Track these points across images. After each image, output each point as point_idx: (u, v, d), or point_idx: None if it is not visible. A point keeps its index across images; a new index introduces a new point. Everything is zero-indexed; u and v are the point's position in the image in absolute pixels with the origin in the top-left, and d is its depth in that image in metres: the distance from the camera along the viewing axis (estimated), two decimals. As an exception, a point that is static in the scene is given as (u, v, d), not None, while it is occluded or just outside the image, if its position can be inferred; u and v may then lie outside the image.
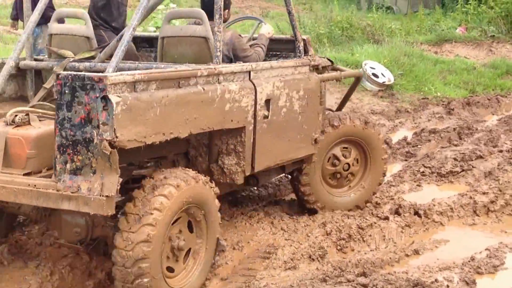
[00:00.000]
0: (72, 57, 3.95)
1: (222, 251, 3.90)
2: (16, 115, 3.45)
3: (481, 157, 6.10)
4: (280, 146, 4.10)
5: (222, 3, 3.68)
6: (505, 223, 4.85)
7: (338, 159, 4.77)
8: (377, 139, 4.84)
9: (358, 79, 5.33)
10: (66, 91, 3.03)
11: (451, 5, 15.39)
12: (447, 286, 3.81)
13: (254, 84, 3.84)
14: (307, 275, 3.83)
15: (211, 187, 3.56)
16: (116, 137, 2.96)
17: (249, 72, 3.85)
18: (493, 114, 8.74)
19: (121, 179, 3.00)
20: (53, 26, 4.11)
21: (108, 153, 2.95)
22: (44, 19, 6.34)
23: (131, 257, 3.13)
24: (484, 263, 4.09)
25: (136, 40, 4.74)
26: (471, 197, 5.17)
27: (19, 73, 4.09)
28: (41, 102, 3.81)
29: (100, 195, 2.96)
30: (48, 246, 3.98)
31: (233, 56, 4.15)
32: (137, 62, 4.00)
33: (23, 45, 3.99)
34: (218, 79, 3.60)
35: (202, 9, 3.92)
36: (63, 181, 3.05)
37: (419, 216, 4.85)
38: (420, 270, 4.07)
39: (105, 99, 2.95)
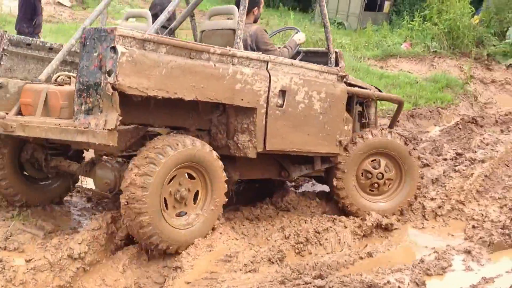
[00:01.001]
0: None
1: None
2: (60, 76, 4.14)
3: (427, 165, 6.20)
4: (296, 136, 4.44)
5: (246, 1, 4.15)
6: (451, 226, 4.94)
7: (370, 172, 4.99)
8: (405, 150, 5.00)
9: (400, 104, 5.53)
10: (88, 43, 3.55)
11: (398, 21, 15.73)
12: (399, 287, 3.82)
13: (269, 74, 4.22)
14: (267, 278, 3.78)
15: (210, 150, 3.97)
16: (118, 81, 3.41)
17: (267, 62, 4.24)
18: (435, 125, 8.94)
19: (120, 117, 3.47)
20: (123, 25, 4.61)
21: (110, 94, 3.42)
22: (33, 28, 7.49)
23: (132, 198, 3.63)
24: (433, 265, 4.14)
25: None
26: (420, 203, 5.24)
27: None
28: None
29: (103, 129, 3.48)
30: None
31: (256, 48, 4.48)
32: None
33: (94, 19, 4.54)
34: (232, 60, 4.01)
35: (236, 5, 4.30)
36: (79, 119, 3.61)
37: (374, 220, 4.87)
38: (374, 272, 4.08)
39: (114, 49, 3.41)
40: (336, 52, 4.76)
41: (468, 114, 8.78)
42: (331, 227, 4.71)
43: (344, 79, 4.77)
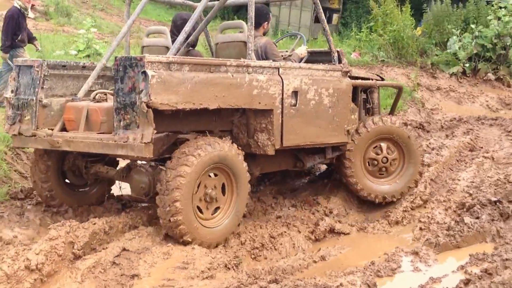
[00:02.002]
0: None
1: None
2: (98, 94, 4.43)
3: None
4: (309, 130, 4.71)
5: (253, 14, 4.40)
6: (401, 229, 4.93)
7: (377, 154, 5.20)
8: (407, 135, 5.23)
9: (400, 90, 5.84)
10: (120, 69, 3.90)
11: (347, 32, 15.91)
12: (351, 289, 3.79)
13: (282, 78, 4.50)
14: (223, 284, 3.68)
15: (236, 151, 4.22)
16: (151, 100, 3.76)
17: (278, 68, 4.53)
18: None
19: (155, 131, 3.79)
20: (145, 40, 4.98)
21: (145, 111, 3.78)
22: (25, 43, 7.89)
23: (167, 199, 3.89)
24: (383, 266, 4.12)
25: None
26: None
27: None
28: None
29: (141, 142, 3.80)
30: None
31: (265, 58, 4.76)
32: None
33: (115, 47, 4.76)
34: (247, 70, 4.30)
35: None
36: (118, 134, 3.92)
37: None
38: (327, 275, 4.03)
39: (144, 73, 3.76)
40: (338, 51, 5.03)
41: (416, 120, 8.90)
42: (285, 232, 4.66)
43: (348, 74, 5.03)
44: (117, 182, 5.07)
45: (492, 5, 10.92)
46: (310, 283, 3.78)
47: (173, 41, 4.64)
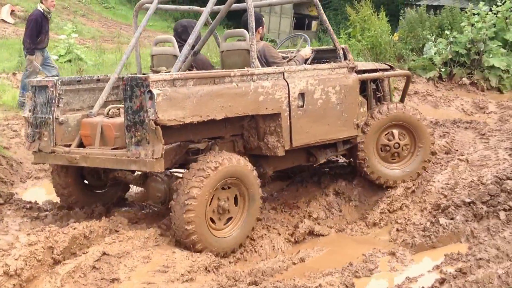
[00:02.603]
0: (165, 71, 4.67)
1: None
2: (111, 110, 4.51)
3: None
4: (318, 128, 4.78)
5: (254, 23, 4.46)
6: (379, 230, 4.95)
7: (390, 139, 5.37)
8: (418, 121, 5.37)
9: (408, 78, 6.00)
10: (128, 88, 3.96)
11: (326, 39, 16.03)
12: (330, 289, 3.80)
13: (287, 82, 4.56)
14: (203, 286, 3.68)
15: (246, 164, 4.30)
16: (158, 117, 3.82)
17: (283, 73, 4.59)
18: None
19: (164, 146, 3.88)
20: (153, 49, 5.08)
21: (154, 129, 3.85)
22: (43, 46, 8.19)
23: (182, 208, 3.97)
24: (361, 267, 4.15)
25: None
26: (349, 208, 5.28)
27: None
28: None
29: (152, 158, 3.90)
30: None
31: (265, 61, 4.82)
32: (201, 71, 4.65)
33: (125, 61, 4.89)
34: (252, 78, 4.35)
35: (244, 27, 4.64)
36: (131, 150, 4.01)
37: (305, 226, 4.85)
38: (306, 277, 4.04)
39: (150, 92, 3.82)
40: (343, 48, 5.11)
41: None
42: (265, 234, 4.66)
43: (354, 69, 5.11)
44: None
45: (466, 12, 11.10)
46: (289, 284, 3.79)
47: (180, 47, 4.77)
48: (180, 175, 4.28)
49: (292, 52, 5.41)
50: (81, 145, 4.53)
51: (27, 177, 6.05)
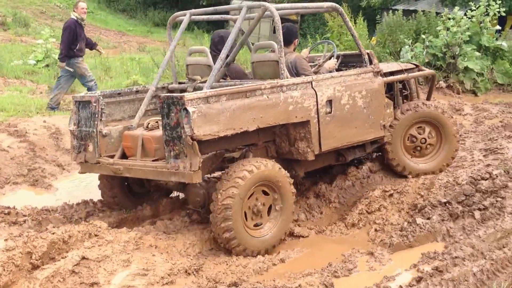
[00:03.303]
0: (200, 80, 5.09)
1: None
2: (150, 123, 4.75)
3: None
4: (346, 132, 5.00)
5: (282, 37, 4.65)
6: (358, 231, 4.98)
7: (415, 136, 5.62)
8: (444, 118, 5.63)
9: (433, 77, 6.16)
10: (165, 106, 4.18)
11: (305, 43, 16.13)
12: (309, 290, 3.82)
13: (315, 90, 4.76)
14: (184, 289, 3.66)
15: (279, 168, 4.49)
16: (194, 133, 4.04)
17: (311, 82, 4.79)
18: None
19: (201, 159, 4.12)
20: (188, 59, 5.35)
21: (191, 144, 4.07)
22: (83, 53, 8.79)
23: (220, 207, 4.18)
24: (340, 267, 4.18)
25: None
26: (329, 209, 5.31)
27: (169, 93, 5.23)
28: None
29: (190, 170, 4.12)
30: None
31: (296, 73, 5.05)
32: (233, 80, 5.02)
33: (161, 73, 5.21)
34: (282, 89, 4.56)
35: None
36: (170, 163, 4.24)
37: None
38: (286, 277, 4.06)
39: (185, 109, 4.04)
40: (368, 53, 5.33)
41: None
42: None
43: (379, 73, 5.33)
44: None
45: (441, 17, 11.29)
46: (269, 285, 3.80)
47: (213, 57, 5.05)
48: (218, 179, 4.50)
49: (319, 59, 5.61)
50: (123, 155, 4.78)
51: (5, 182, 5.98)
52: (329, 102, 4.86)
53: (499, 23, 12.38)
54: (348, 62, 5.60)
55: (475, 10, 10.85)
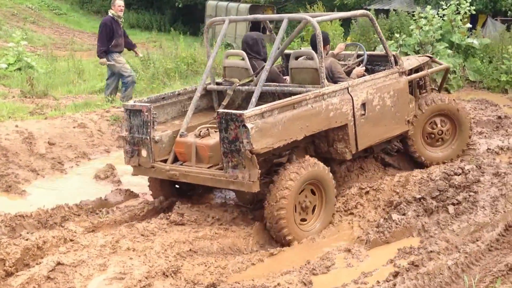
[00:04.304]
0: (238, 82, 5.41)
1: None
2: (201, 131, 4.98)
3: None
4: (377, 131, 5.42)
5: (322, 44, 4.96)
6: (335, 228, 5.02)
7: (434, 126, 6.05)
8: (458, 110, 6.04)
9: (447, 70, 6.56)
10: (223, 122, 4.44)
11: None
12: (288, 288, 3.84)
13: (351, 95, 5.13)
14: (162, 292, 3.63)
15: (323, 167, 4.86)
16: (253, 147, 4.34)
17: (347, 88, 5.15)
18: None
19: (260, 171, 4.42)
20: (225, 62, 5.67)
21: (250, 157, 4.37)
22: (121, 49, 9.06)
23: (275, 206, 4.53)
24: (318, 265, 4.20)
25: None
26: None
27: (207, 93, 5.74)
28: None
29: (249, 180, 4.44)
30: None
31: (331, 76, 5.40)
32: (276, 84, 5.36)
33: (208, 74, 5.46)
34: (323, 97, 4.90)
35: (312, 45, 5.42)
36: (228, 172, 4.53)
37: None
38: (265, 276, 4.07)
39: (244, 126, 4.32)
40: (394, 55, 5.70)
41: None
42: (225, 235, 4.65)
43: (404, 73, 5.72)
44: None
45: (414, 15, 11.45)
46: (248, 285, 3.81)
47: (249, 59, 5.40)
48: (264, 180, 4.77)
49: (349, 59, 6.01)
50: (175, 159, 5.04)
51: (-23, 188, 5.85)
52: (363, 105, 5.25)
53: (471, 21, 12.59)
54: (373, 61, 5.98)
55: (446, 9, 11.03)
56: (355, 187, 5.43)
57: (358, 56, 6.07)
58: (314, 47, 5.25)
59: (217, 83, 5.75)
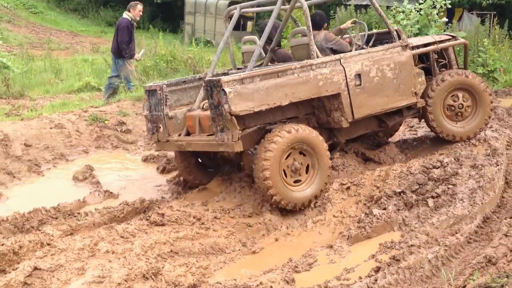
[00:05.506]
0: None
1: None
2: (205, 104, 5.43)
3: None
4: (377, 101, 5.60)
5: (311, 23, 5.37)
6: (317, 224, 4.98)
7: (456, 99, 6.09)
8: (479, 85, 6.12)
9: (466, 45, 6.65)
10: (209, 89, 4.92)
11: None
12: (271, 287, 3.81)
13: (343, 67, 5.39)
14: (142, 294, 3.57)
15: (311, 131, 5.14)
16: (231, 110, 4.78)
17: (340, 59, 5.42)
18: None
19: (240, 131, 4.89)
20: (243, 47, 6.27)
21: (230, 119, 4.80)
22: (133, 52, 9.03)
23: (260, 167, 4.89)
24: (300, 262, 4.18)
25: None
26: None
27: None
28: None
29: (232, 141, 4.89)
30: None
31: (328, 45, 5.76)
32: (279, 64, 5.73)
33: (215, 63, 5.98)
34: (311, 68, 5.20)
35: (313, 25, 5.56)
36: (218, 136, 4.99)
37: (250, 226, 4.86)
38: (247, 276, 4.03)
39: (223, 90, 4.76)
40: (396, 30, 5.92)
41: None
42: (206, 235, 4.60)
43: (408, 47, 5.85)
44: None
45: (392, 10, 11.50)
46: (230, 284, 3.77)
47: (264, 46, 5.81)
48: None
49: (354, 37, 6.17)
50: (188, 133, 5.56)
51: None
52: (358, 75, 5.47)
53: (447, 15, 12.70)
54: (382, 39, 6.15)
55: (422, 3, 11.09)
56: (336, 183, 5.42)
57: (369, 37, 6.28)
58: (315, 25, 5.66)
59: (238, 69, 6.15)
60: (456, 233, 4.30)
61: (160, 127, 5.61)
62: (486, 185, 4.96)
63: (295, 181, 5.09)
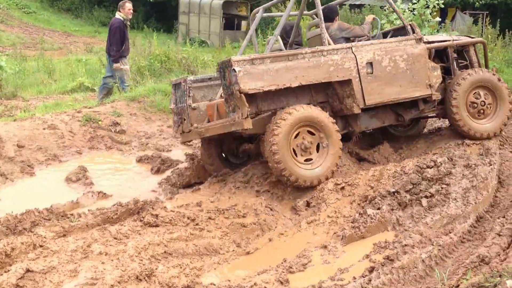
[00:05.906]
0: None
1: None
2: (222, 93, 5.57)
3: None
4: (390, 90, 5.75)
5: (322, 16, 5.69)
6: (311, 224, 4.97)
7: (478, 96, 6.21)
8: (499, 84, 6.26)
9: (484, 45, 6.75)
10: (221, 70, 5.23)
11: (257, 39, 16.13)
12: (265, 287, 3.79)
13: (355, 54, 5.62)
14: (136, 296, 3.55)
15: (320, 111, 5.40)
16: (241, 88, 5.05)
17: (351, 47, 5.66)
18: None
19: (249, 109, 5.12)
20: (267, 47, 6.25)
21: (239, 96, 5.05)
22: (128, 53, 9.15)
23: (269, 142, 5.17)
24: (294, 263, 4.16)
25: None
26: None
27: None
28: None
29: (241, 119, 5.11)
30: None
31: (343, 35, 6.04)
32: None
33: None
34: (322, 53, 5.48)
35: (325, 18, 5.83)
36: (230, 116, 5.26)
37: (245, 226, 4.84)
38: (241, 277, 4.01)
39: (234, 69, 5.04)
40: (410, 24, 6.10)
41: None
42: (200, 236, 4.58)
43: (422, 41, 6.01)
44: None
45: (385, 10, 11.52)
46: (224, 285, 3.75)
47: (284, 44, 6.29)
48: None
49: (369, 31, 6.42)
50: (209, 122, 5.78)
51: None
52: (370, 64, 5.66)
53: (441, 15, 12.73)
54: (399, 34, 6.27)
55: (416, 3, 11.11)
56: (331, 183, 5.41)
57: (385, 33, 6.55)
58: (326, 18, 5.90)
59: None
60: (450, 232, 4.30)
61: (184, 119, 5.91)
62: (480, 185, 4.97)
63: (306, 160, 5.31)
